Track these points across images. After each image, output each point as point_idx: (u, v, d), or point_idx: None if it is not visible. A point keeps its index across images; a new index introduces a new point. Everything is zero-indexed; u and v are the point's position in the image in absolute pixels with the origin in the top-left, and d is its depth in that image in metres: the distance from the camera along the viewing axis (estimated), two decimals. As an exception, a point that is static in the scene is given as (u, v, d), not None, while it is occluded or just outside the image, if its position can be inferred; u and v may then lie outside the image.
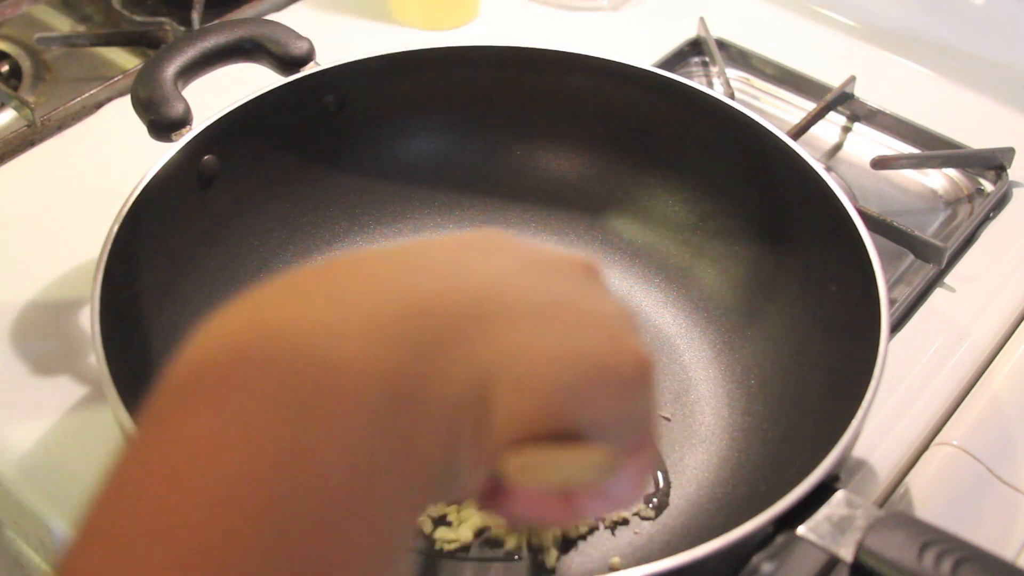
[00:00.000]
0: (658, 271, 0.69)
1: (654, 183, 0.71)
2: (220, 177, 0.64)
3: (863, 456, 0.60)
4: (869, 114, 0.84)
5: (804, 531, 0.45)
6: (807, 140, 0.81)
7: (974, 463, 0.60)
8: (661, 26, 0.92)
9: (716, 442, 0.61)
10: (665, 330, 0.67)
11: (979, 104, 0.87)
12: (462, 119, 0.72)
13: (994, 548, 0.43)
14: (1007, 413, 0.63)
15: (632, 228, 0.71)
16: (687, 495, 0.58)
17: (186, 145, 0.61)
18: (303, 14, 0.92)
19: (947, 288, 0.71)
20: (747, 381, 0.63)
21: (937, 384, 0.65)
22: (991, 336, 0.68)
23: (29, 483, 0.58)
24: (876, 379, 0.51)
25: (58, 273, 0.68)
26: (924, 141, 0.82)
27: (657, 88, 0.69)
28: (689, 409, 0.62)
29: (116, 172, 0.68)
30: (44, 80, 0.85)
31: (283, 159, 0.68)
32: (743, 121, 0.66)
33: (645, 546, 0.56)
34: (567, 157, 0.73)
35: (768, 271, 0.66)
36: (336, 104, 0.68)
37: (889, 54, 0.92)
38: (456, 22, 0.93)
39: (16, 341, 0.64)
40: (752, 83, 0.89)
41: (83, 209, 0.72)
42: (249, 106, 0.64)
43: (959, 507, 0.58)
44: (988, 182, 0.79)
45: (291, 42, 0.66)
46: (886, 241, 0.72)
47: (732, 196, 0.68)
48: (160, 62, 0.63)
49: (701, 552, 0.44)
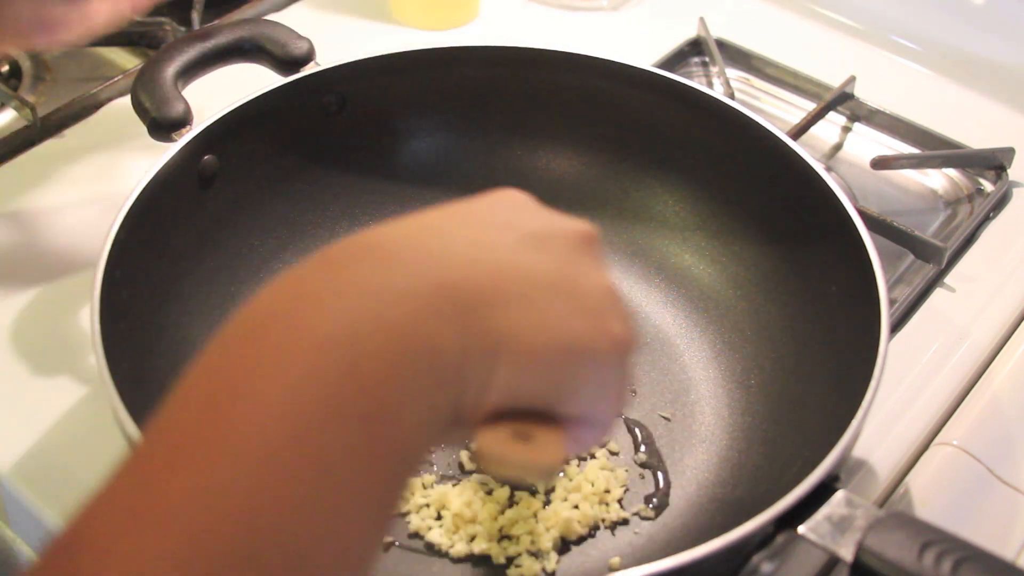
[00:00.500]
0: (658, 271, 0.69)
1: (654, 183, 0.71)
2: (220, 177, 0.64)
3: (863, 456, 0.60)
4: (869, 114, 0.84)
5: (804, 531, 0.45)
6: (807, 140, 0.81)
7: (974, 463, 0.60)
8: (661, 26, 0.92)
9: (716, 442, 0.61)
10: (665, 330, 0.67)
11: (979, 104, 0.87)
12: (462, 119, 0.72)
13: (994, 548, 0.43)
14: (1007, 413, 0.63)
15: (632, 228, 0.71)
16: (687, 495, 0.58)
17: (186, 145, 0.61)
18: (303, 14, 0.92)
19: (947, 288, 0.71)
20: (747, 381, 0.63)
21: (937, 384, 0.65)
22: (991, 336, 0.68)
23: (29, 483, 0.58)
24: (876, 379, 0.51)
25: (58, 273, 0.68)
26: (924, 141, 0.82)
27: (657, 88, 0.69)
28: (689, 409, 0.62)
29: (116, 172, 0.69)
30: (44, 80, 0.85)
31: (283, 159, 0.68)
32: (743, 121, 0.66)
33: (645, 546, 0.56)
34: (567, 157, 0.73)
35: (768, 271, 0.66)
36: (336, 104, 0.68)
37: (889, 54, 0.92)
38: (456, 22, 0.93)
39: (16, 341, 0.64)
40: (752, 83, 0.89)
41: (83, 209, 0.72)
42: (249, 106, 0.64)
43: (959, 507, 0.58)
44: (988, 182, 0.79)
45: (291, 42, 0.66)
46: (886, 241, 0.72)
47: (732, 196, 0.68)
48: (160, 62, 0.63)
49: (701, 552, 0.44)
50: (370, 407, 0.31)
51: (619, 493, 0.58)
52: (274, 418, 0.30)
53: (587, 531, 0.56)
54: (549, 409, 0.37)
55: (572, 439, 0.38)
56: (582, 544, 0.56)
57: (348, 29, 0.91)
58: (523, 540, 0.55)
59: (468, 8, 0.93)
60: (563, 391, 0.37)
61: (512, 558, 0.55)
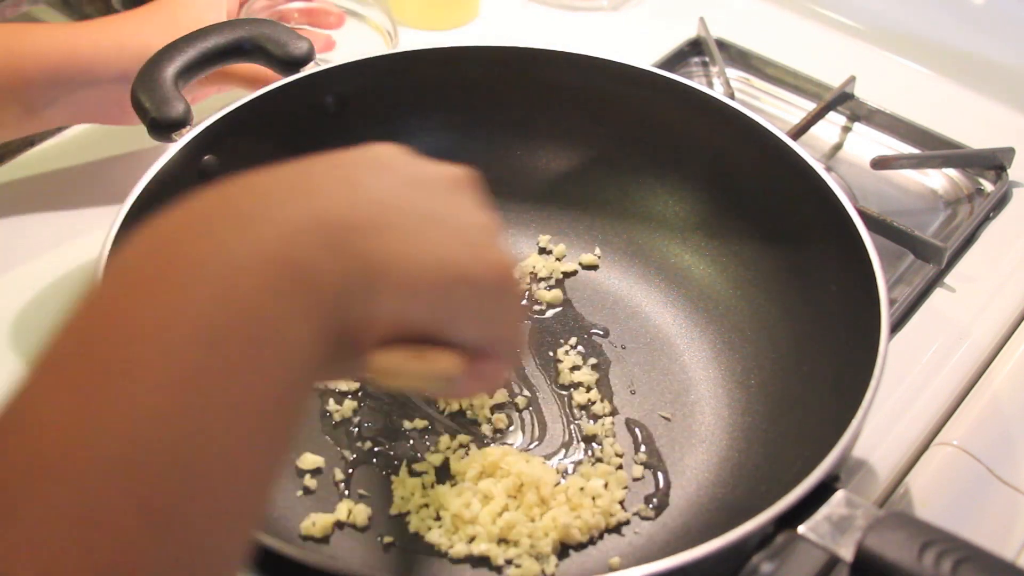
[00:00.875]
0: (658, 271, 0.69)
1: (654, 183, 0.71)
2: (220, 177, 0.63)
3: (863, 456, 0.60)
4: (869, 114, 0.84)
5: (804, 531, 0.45)
6: (807, 140, 0.81)
7: (974, 463, 0.60)
8: (661, 26, 0.92)
9: (716, 442, 0.61)
10: (665, 330, 0.67)
11: (979, 104, 0.87)
12: (462, 119, 0.72)
13: (994, 548, 0.43)
14: (1007, 413, 0.63)
15: (632, 228, 0.71)
16: (687, 495, 0.58)
17: (186, 145, 0.61)
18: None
19: (947, 288, 0.71)
20: (747, 381, 0.63)
21: (937, 384, 0.65)
22: (991, 336, 0.68)
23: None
24: (876, 379, 0.51)
25: (58, 273, 0.68)
26: (924, 141, 0.82)
27: (657, 88, 0.69)
28: (689, 409, 0.62)
29: (116, 172, 0.69)
30: (44, 80, 0.85)
31: (283, 159, 0.67)
32: (743, 121, 0.66)
33: (645, 546, 0.56)
34: (567, 157, 0.73)
35: (768, 271, 0.66)
36: (336, 104, 0.68)
37: (889, 54, 0.92)
38: (456, 22, 0.93)
39: (16, 341, 0.64)
40: (752, 83, 0.89)
41: (84, 209, 0.72)
42: (249, 106, 0.64)
43: (959, 507, 0.58)
44: (988, 182, 0.79)
45: (291, 42, 0.66)
46: (886, 241, 0.72)
47: (732, 196, 0.68)
48: (160, 62, 0.63)
49: (701, 552, 0.44)
50: (250, 328, 0.32)
51: (621, 495, 0.58)
52: (148, 339, 0.31)
53: (586, 538, 0.56)
54: (441, 336, 0.39)
55: (474, 372, 0.40)
56: (582, 545, 0.56)
57: (348, 28, 0.91)
58: (523, 543, 0.55)
59: (468, 8, 0.93)
60: (449, 316, 0.39)
61: (511, 559, 0.55)
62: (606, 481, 0.58)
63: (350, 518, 0.56)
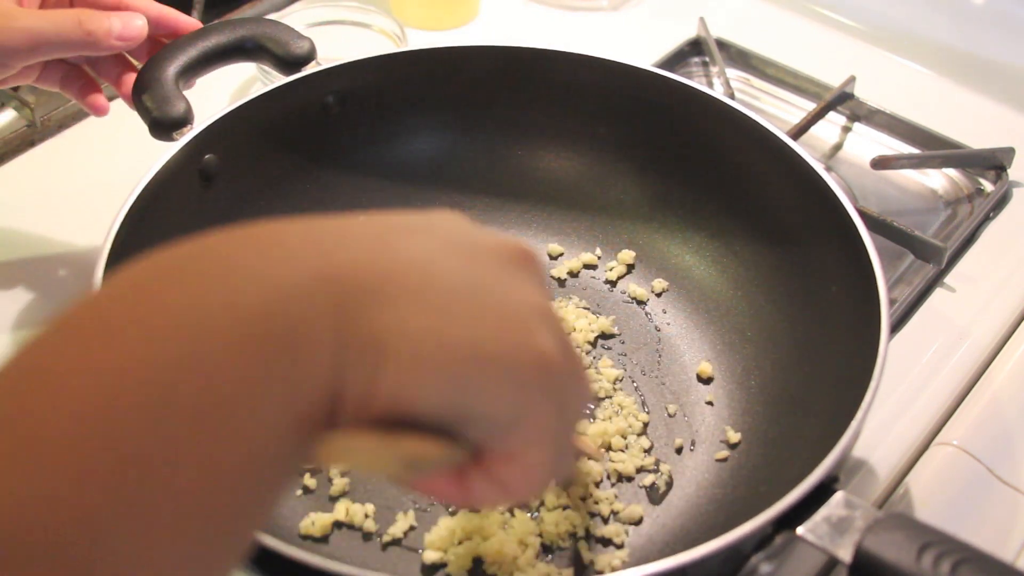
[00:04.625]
0: (658, 271, 0.69)
1: (654, 183, 0.71)
2: (221, 176, 0.64)
3: (863, 456, 0.60)
4: (869, 114, 0.85)
5: (803, 532, 0.45)
6: (807, 140, 0.81)
7: (974, 463, 0.60)
8: (661, 26, 0.92)
9: (716, 442, 0.61)
10: (665, 330, 0.67)
11: (979, 104, 0.87)
12: (462, 119, 0.72)
13: (994, 548, 0.43)
14: (1007, 413, 0.63)
15: (632, 228, 0.71)
16: (687, 495, 0.58)
17: (187, 144, 0.61)
18: (303, 14, 0.91)
19: (947, 288, 0.71)
20: (747, 381, 0.63)
21: (937, 384, 0.65)
22: (991, 336, 0.68)
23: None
24: (876, 379, 0.51)
25: (58, 273, 0.68)
26: (924, 141, 0.82)
27: (657, 88, 0.69)
28: (689, 409, 0.62)
29: (117, 172, 0.68)
30: (45, 79, 0.85)
31: (284, 159, 0.68)
32: (743, 121, 0.66)
33: (645, 546, 0.56)
34: (568, 157, 0.73)
35: (768, 271, 0.66)
36: (337, 104, 0.68)
37: (889, 54, 0.92)
38: (456, 22, 0.93)
39: (16, 341, 0.64)
40: (752, 83, 0.89)
41: (84, 209, 0.72)
42: (250, 105, 0.64)
43: (959, 507, 0.58)
44: (988, 182, 0.79)
45: (292, 41, 0.66)
46: (886, 241, 0.72)
47: (732, 196, 0.68)
48: (161, 62, 0.63)
49: (701, 552, 0.44)
50: (203, 399, 0.27)
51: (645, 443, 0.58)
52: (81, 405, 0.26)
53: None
54: (456, 427, 0.33)
55: (487, 477, 0.34)
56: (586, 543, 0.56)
57: (348, 28, 0.91)
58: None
59: (468, 8, 0.93)
60: (468, 406, 0.32)
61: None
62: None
63: (349, 518, 0.56)
